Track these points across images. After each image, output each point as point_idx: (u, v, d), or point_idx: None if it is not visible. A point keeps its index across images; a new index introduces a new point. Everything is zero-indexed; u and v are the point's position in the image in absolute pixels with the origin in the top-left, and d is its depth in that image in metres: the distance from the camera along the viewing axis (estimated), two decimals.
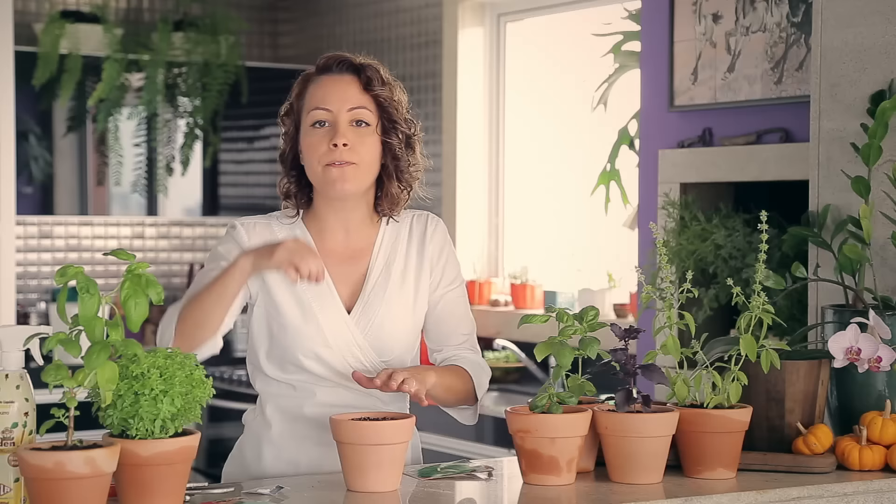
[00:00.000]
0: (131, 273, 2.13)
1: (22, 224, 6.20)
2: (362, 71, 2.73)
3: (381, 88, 2.72)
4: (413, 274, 2.80)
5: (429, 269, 2.82)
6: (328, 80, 2.73)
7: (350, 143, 2.68)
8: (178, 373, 2.18)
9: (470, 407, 2.84)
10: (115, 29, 6.20)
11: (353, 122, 2.70)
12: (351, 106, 2.70)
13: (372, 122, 2.71)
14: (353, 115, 2.70)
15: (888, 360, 2.72)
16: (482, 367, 2.85)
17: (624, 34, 4.89)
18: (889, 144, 3.11)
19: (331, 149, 2.67)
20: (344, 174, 2.67)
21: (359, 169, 2.69)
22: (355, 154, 2.68)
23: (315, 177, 2.71)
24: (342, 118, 2.69)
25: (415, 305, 2.79)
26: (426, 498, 2.45)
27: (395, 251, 2.80)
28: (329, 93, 2.71)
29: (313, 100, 2.72)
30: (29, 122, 6.08)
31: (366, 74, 2.72)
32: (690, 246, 4.11)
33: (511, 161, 6.00)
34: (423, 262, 2.81)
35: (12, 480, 2.15)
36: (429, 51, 6.12)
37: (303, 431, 2.72)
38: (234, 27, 6.44)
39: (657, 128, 4.43)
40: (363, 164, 2.69)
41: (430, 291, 2.81)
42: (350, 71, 2.73)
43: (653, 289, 2.64)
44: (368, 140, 2.70)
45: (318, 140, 2.69)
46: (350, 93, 2.71)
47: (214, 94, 6.35)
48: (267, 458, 2.74)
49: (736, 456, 2.60)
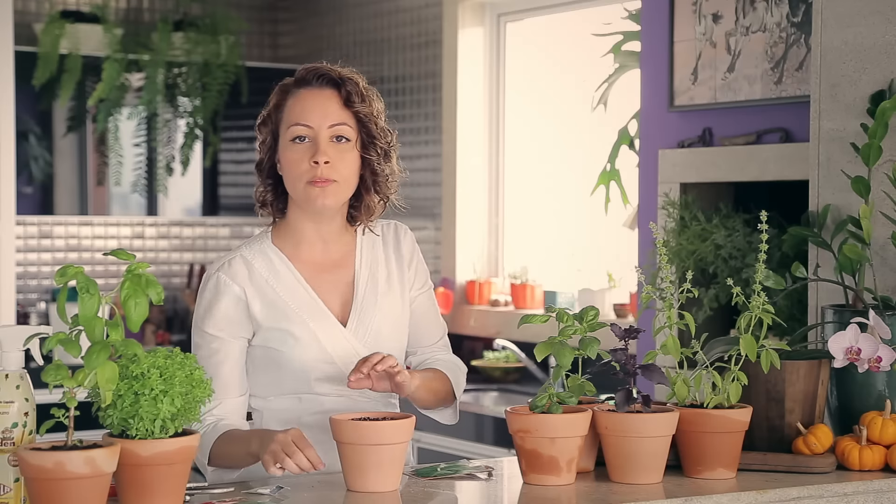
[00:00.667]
0: (131, 273, 2.13)
1: (22, 224, 6.20)
2: (342, 85, 2.71)
3: (361, 105, 2.71)
4: (396, 279, 2.82)
5: (406, 270, 2.84)
6: (308, 94, 2.72)
7: (331, 161, 2.67)
8: (178, 373, 2.18)
9: (449, 406, 2.85)
10: (115, 29, 6.20)
11: (334, 137, 2.69)
12: (332, 122, 2.69)
13: (352, 138, 2.71)
14: (333, 132, 2.69)
15: (888, 360, 2.72)
16: (458, 367, 2.88)
17: (624, 34, 4.89)
18: (889, 144, 3.11)
19: (312, 166, 2.67)
20: (325, 192, 2.68)
21: (339, 186, 2.69)
22: (335, 171, 2.68)
23: (296, 193, 2.71)
24: (323, 134, 2.68)
25: (402, 309, 2.81)
26: (426, 498, 2.45)
27: (376, 258, 2.81)
28: (309, 108, 2.70)
29: (293, 114, 2.71)
30: (29, 122, 6.08)
31: (346, 89, 2.70)
32: (690, 246, 4.11)
33: (511, 161, 6.00)
34: (402, 267, 2.83)
35: (12, 480, 2.15)
36: (429, 51, 6.12)
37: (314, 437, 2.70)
38: (234, 27, 6.43)
39: (657, 128, 4.43)
40: (343, 181, 2.70)
41: (410, 291, 2.84)
42: (330, 85, 2.72)
43: (653, 289, 2.64)
44: (348, 156, 2.70)
45: (300, 156, 2.68)
46: (330, 109, 2.70)
47: (214, 94, 6.35)
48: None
49: (736, 456, 2.60)
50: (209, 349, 2.70)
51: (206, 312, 2.71)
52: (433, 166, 6.08)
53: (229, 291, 2.70)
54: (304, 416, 2.72)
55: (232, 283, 2.70)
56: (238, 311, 2.70)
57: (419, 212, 6.07)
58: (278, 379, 2.72)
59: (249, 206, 2.85)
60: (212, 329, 2.70)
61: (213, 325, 2.70)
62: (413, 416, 2.50)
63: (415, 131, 6.17)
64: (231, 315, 2.70)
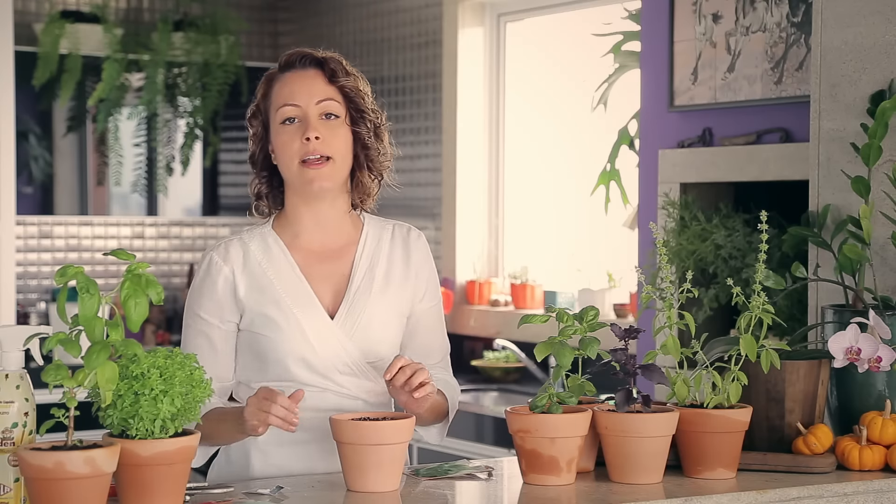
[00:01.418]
0: (131, 273, 2.13)
1: (22, 224, 6.20)
2: (325, 64, 2.72)
3: (346, 79, 2.72)
4: (398, 278, 2.78)
5: (414, 277, 2.80)
6: (293, 76, 2.73)
7: (322, 137, 2.67)
8: (178, 373, 2.18)
9: (438, 424, 2.82)
10: (115, 29, 6.20)
11: (323, 115, 2.70)
12: (319, 99, 2.70)
13: (341, 114, 2.71)
14: (322, 108, 2.70)
15: (888, 360, 2.72)
16: (455, 388, 2.85)
17: (624, 34, 4.89)
18: (889, 144, 3.11)
19: (303, 143, 2.67)
20: (321, 174, 2.68)
21: (334, 163, 2.69)
22: (328, 147, 2.68)
23: (291, 174, 2.70)
24: (311, 112, 2.69)
25: (399, 308, 2.78)
26: (426, 498, 2.45)
27: (379, 253, 2.79)
28: (296, 89, 2.71)
29: (280, 97, 2.72)
30: (29, 122, 6.08)
31: (329, 67, 2.72)
32: (690, 246, 4.11)
33: (511, 161, 6.00)
34: (409, 269, 2.80)
35: (12, 480, 2.15)
36: (429, 51, 6.12)
37: (289, 435, 2.70)
38: (234, 27, 6.44)
39: (657, 128, 4.43)
40: (338, 158, 2.69)
41: (414, 301, 2.80)
42: (313, 65, 2.73)
43: (653, 289, 2.64)
44: (340, 132, 2.71)
45: (290, 136, 2.69)
46: (316, 86, 2.71)
47: (214, 94, 6.35)
48: (255, 464, 2.72)
49: (736, 456, 2.60)
50: (196, 330, 2.72)
51: (197, 293, 2.73)
52: (433, 166, 6.08)
53: (219, 273, 2.71)
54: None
55: (222, 265, 2.71)
56: (225, 294, 2.70)
57: (419, 212, 6.07)
58: (261, 365, 2.71)
59: (249, 206, 2.84)
60: (201, 311, 2.71)
61: (201, 306, 2.71)
62: (413, 416, 2.50)
63: (415, 131, 6.17)
64: (219, 297, 2.70)
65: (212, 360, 2.67)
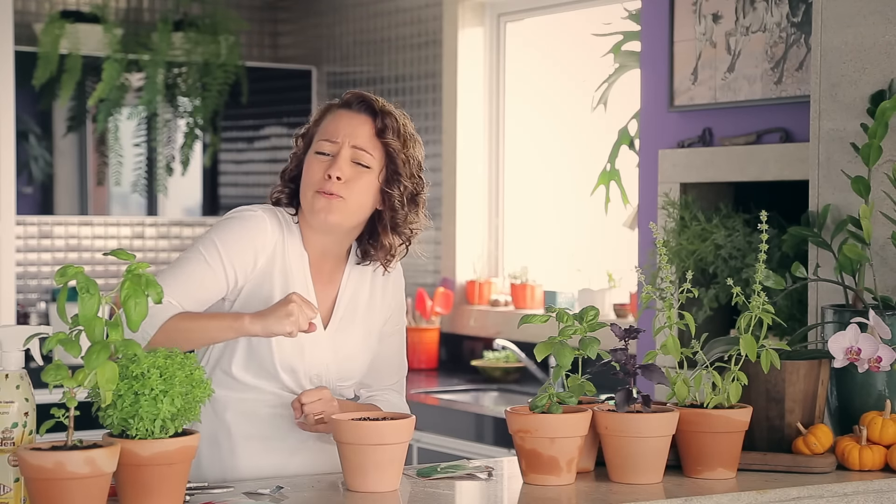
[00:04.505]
0: (131, 273, 2.13)
1: (22, 224, 6.20)
2: (379, 116, 2.73)
3: (394, 139, 2.72)
4: (377, 306, 2.83)
5: (390, 301, 2.85)
6: (344, 115, 2.74)
7: (344, 178, 2.69)
8: (178, 373, 2.18)
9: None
10: (115, 29, 6.20)
11: (354, 160, 2.71)
12: (355, 144, 2.71)
13: (373, 167, 2.71)
14: (354, 154, 2.71)
15: (888, 360, 2.72)
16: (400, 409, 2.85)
17: (624, 34, 4.89)
18: (889, 144, 3.11)
19: (325, 178, 2.69)
20: (330, 206, 2.68)
21: (346, 204, 2.69)
22: (346, 189, 2.69)
23: (305, 201, 2.72)
24: (344, 153, 2.70)
25: (374, 337, 2.83)
26: (426, 498, 2.45)
27: (363, 282, 2.82)
28: (340, 127, 2.72)
29: (325, 130, 2.74)
30: (29, 122, 6.08)
31: (382, 121, 2.72)
32: (690, 246, 4.11)
33: (511, 161, 6.00)
34: (386, 298, 2.84)
35: (12, 480, 2.15)
36: (429, 51, 6.12)
37: (266, 432, 2.72)
38: (234, 27, 6.43)
39: (657, 128, 4.43)
40: (351, 201, 2.69)
41: (381, 324, 2.85)
42: (368, 112, 2.74)
43: (653, 289, 2.64)
44: (364, 180, 2.71)
45: (317, 168, 2.71)
46: (360, 132, 2.72)
47: (214, 94, 6.35)
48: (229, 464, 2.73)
49: (736, 456, 2.60)
50: (199, 252, 2.68)
51: (226, 228, 2.70)
52: (433, 166, 6.08)
53: (261, 230, 2.70)
54: (262, 407, 2.73)
55: (267, 227, 2.70)
56: (252, 249, 2.68)
57: None
58: (250, 355, 2.71)
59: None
60: (218, 243, 2.67)
61: (221, 240, 2.68)
62: (413, 416, 2.51)
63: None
64: (244, 245, 2.68)
65: (189, 289, 2.64)
